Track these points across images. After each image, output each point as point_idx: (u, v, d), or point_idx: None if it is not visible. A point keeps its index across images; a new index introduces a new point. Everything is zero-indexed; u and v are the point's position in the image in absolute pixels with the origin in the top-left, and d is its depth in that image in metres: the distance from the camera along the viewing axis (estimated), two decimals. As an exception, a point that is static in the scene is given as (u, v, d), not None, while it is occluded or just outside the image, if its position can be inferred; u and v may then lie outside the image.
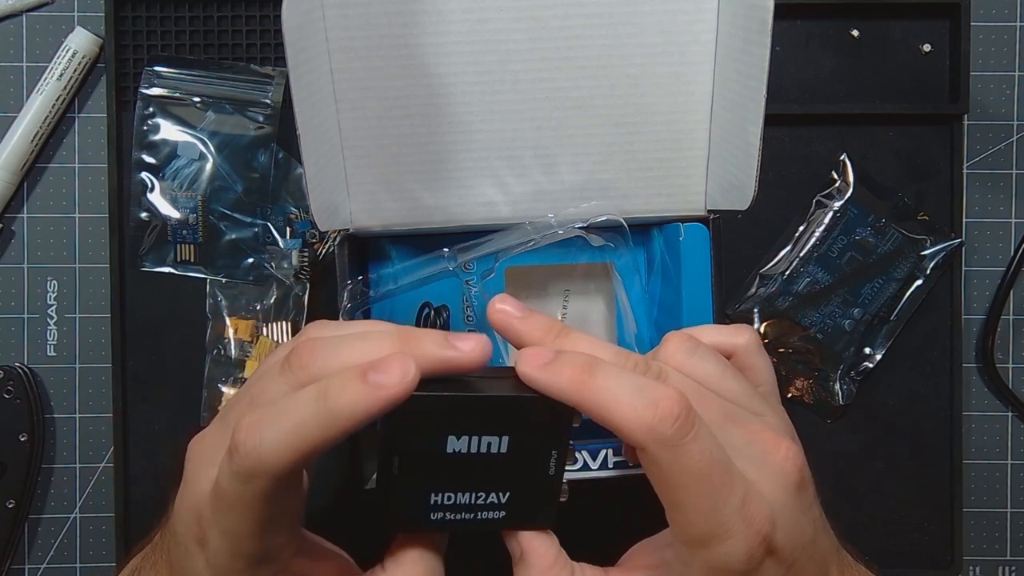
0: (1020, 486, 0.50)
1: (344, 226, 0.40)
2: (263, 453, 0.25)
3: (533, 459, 0.30)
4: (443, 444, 0.29)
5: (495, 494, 0.30)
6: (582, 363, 0.28)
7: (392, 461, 0.28)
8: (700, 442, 0.26)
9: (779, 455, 0.29)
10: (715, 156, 0.40)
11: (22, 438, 0.48)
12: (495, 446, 0.29)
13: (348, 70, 0.38)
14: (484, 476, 0.29)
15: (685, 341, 0.31)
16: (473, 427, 0.28)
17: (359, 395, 0.25)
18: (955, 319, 0.50)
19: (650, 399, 0.27)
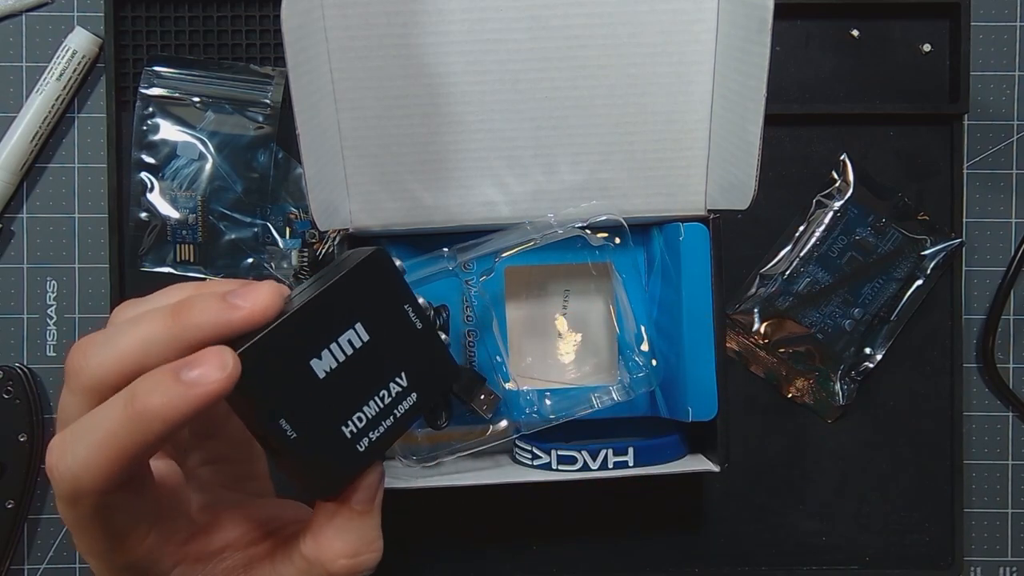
0: (1020, 486, 0.50)
1: (344, 226, 0.40)
2: (77, 475, 0.23)
3: (395, 326, 0.28)
4: (312, 373, 0.26)
5: (393, 382, 0.28)
6: None
7: (281, 428, 0.25)
8: None
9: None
10: (715, 156, 0.40)
11: (22, 438, 0.48)
12: (355, 339, 0.27)
13: (348, 70, 0.38)
14: (371, 373, 0.28)
15: None
16: (321, 337, 0.26)
17: (173, 396, 0.23)
18: (955, 319, 0.50)
19: None
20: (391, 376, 0.28)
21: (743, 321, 0.49)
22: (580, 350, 0.44)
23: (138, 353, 0.24)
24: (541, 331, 0.44)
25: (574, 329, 0.45)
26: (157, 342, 0.24)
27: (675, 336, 0.40)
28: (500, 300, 0.43)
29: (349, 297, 0.27)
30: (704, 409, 0.40)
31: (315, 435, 0.26)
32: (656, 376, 0.41)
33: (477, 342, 0.43)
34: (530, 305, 0.44)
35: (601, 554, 0.48)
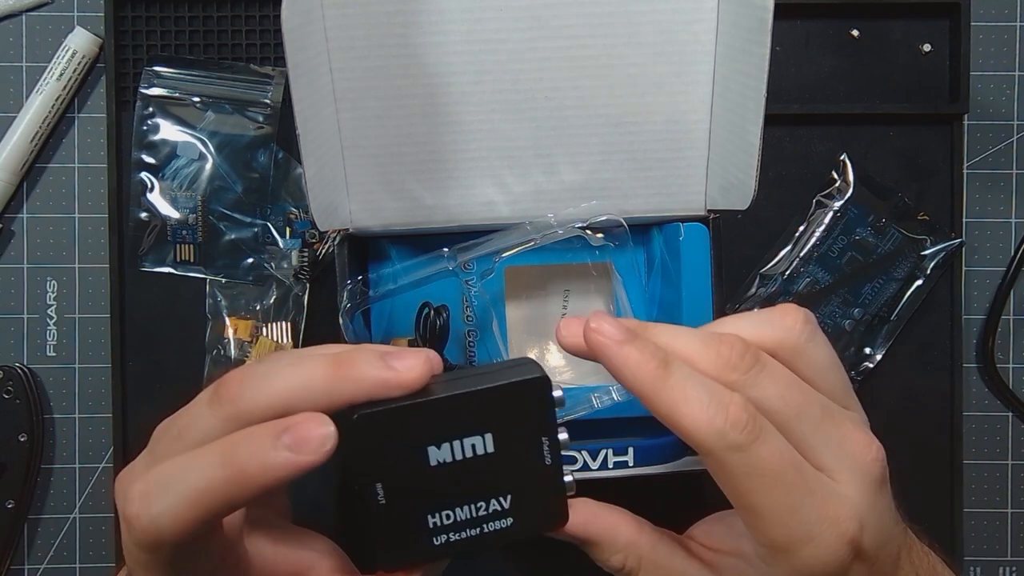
0: (1020, 486, 0.50)
1: (344, 226, 0.40)
2: (161, 526, 0.23)
3: (524, 452, 0.28)
4: (425, 457, 0.27)
5: (496, 500, 0.28)
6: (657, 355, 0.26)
7: (375, 490, 0.26)
8: (768, 444, 0.26)
9: (869, 455, 0.28)
10: (715, 156, 0.40)
11: (22, 438, 0.48)
12: (479, 447, 0.27)
13: (348, 70, 0.38)
14: (478, 483, 0.28)
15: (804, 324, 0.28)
16: (450, 431, 0.27)
17: (271, 461, 0.23)
18: (955, 319, 0.50)
19: (721, 403, 0.25)
20: (496, 493, 0.28)
21: (743, 321, 0.49)
22: (580, 350, 0.44)
23: (293, 395, 0.25)
24: (541, 331, 0.44)
25: (574, 329, 0.44)
26: (314, 389, 0.25)
27: (675, 336, 0.40)
28: (500, 300, 0.43)
29: (493, 407, 0.27)
30: (704, 409, 0.40)
31: (402, 511, 0.27)
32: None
33: (477, 342, 0.43)
34: (530, 305, 0.44)
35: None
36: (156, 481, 0.24)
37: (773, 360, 0.27)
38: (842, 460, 0.27)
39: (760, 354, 0.27)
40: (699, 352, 0.27)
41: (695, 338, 0.27)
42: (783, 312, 0.29)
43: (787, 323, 0.28)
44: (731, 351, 0.27)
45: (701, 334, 0.28)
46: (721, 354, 0.27)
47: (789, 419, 0.27)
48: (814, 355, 0.29)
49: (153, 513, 0.23)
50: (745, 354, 0.27)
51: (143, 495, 0.24)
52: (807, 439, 0.27)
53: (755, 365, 0.27)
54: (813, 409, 0.27)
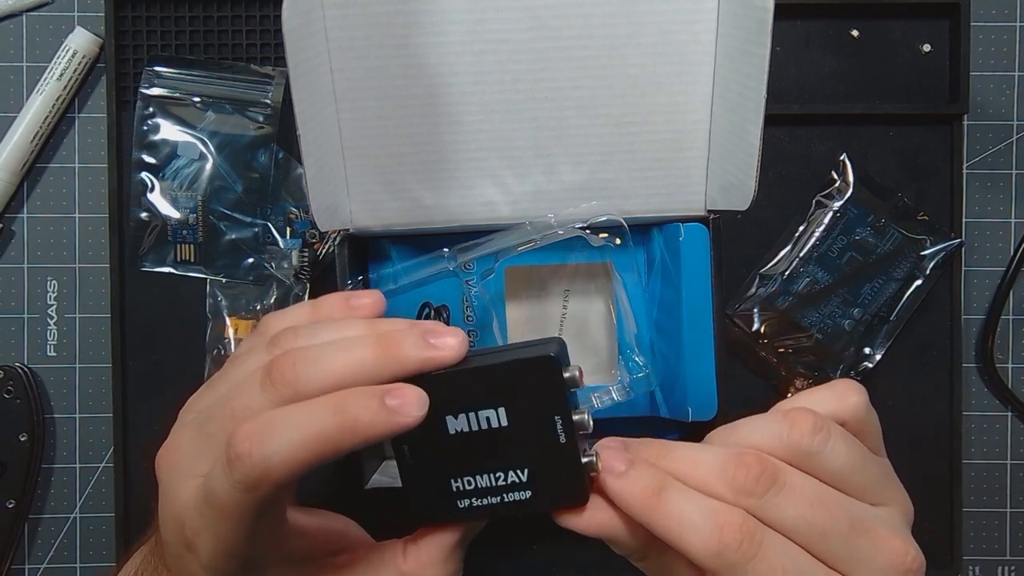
0: (1020, 486, 0.50)
1: (344, 226, 0.40)
2: (272, 464, 0.25)
3: (537, 429, 0.29)
4: (443, 426, 0.28)
5: (514, 472, 0.29)
6: (651, 483, 0.27)
7: (403, 451, 0.29)
8: (767, 560, 0.26)
9: (904, 564, 0.28)
10: (715, 156, 0.40)
11: (22, 438, 0.48)
12: (493, 420, 0.28)
13: (348, 70, 0.38)
14: (495, 454, 0.29)
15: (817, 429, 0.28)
16: (464, 402, 0.28)
17: (378, 417, 0.26)
18: (955, 319, 0.50)
19: (715, 524, 0.26)
20: (513, 466, 0.29)
21: (743, 321, 0.49)
22: (580, 350, 0.44)
23: (346, 376, 0.27)
24: (541, 331, 0.44)
25: (574, 329, 0.45)
26: (364, 369, 0.27)
27: (675, 336, 0.41)
28: (500, 300, 0.43)
29: (504, 383, 0.28)
30: (704, 409, 0.40)
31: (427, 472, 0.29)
32: (656, 376, 0.41)
33: (477, 342, 0.43)
34: (530, 305, 0.44)
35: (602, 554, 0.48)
36: (268, 424, 0.26)
37: (794, 477, 0.27)
38: (873, 570, 0.27)
39: (779, 472, 0.27)
40: (714, 476, 0.28)
41: (712, 462, 0.28)
42: (847, 391, 0.30)
43: (854, 400, 0.30)
44: (746, 475, 0.27)
45: (719, 457, 0.28)
46: (736, 479, 0.27)
47: (813, 539, 0.27)
48: (872, 427, 0.30)
49: (267, 451, 0.25)
50: (761, 476, 0.27)
51: (255, 434, 0.26)
52: (836, 554, 0.27)
53: (772, 486, 0.27)
54: (840, 525, 0.27)
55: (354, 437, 0.26)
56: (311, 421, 0.26)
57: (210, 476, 0.27)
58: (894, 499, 0.30)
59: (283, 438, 0.25)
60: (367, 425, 0.26)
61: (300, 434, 0.26)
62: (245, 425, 0.26)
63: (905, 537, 0.28)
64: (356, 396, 0.26)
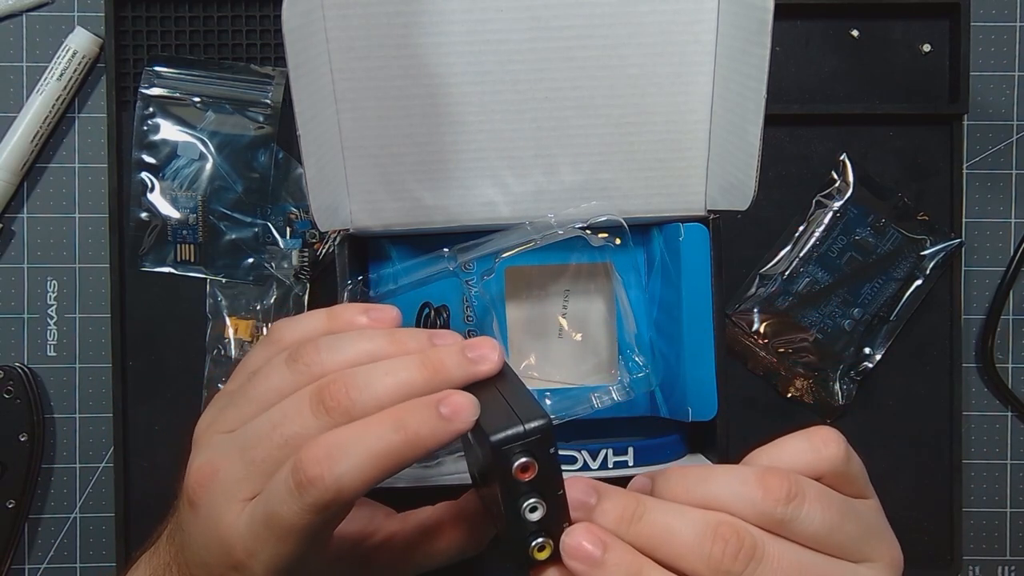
0: (1020, 486, 0.50)
1: (344, 226, 0.40)
2: (343, 485, 0.26)
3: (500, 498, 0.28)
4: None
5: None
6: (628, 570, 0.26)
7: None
8: None
9: None
10: (715, 156, 0.40)
11: (22, 438, 0.48)
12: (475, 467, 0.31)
13: (348, 70, 0.38)
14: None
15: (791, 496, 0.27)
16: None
17: (438, 427, 0.27)
18: (955, 319, 0.50)
19: None
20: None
21: (743, 321, 0.49)
22: (580, 350, 0.45)
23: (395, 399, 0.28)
24: (541, 331, 0.44)
25: (574, 329, 0.45)
26: (414, 392, 0.28)
27: (675, 336, 0.41)
28: (500, 300, 0.43)
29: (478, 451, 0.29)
30: (704, 409, 0.40)
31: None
32: (656, 376, 0.41)
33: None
34: (530, 305, 0.44)
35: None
36: (335, 446, 0.27)
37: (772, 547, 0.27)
38: None
39: (756, 546, 0.26)
40: (691, 551, 0.27)
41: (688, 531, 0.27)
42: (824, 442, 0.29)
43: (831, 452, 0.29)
44: (723, 550, 0.26)
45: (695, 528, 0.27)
46: (713, 555, 0.26)
47: None
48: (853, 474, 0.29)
49: (338, 472, 0.26)
50: (739, 552, 0.26)
51: (325, 458, 0.26)
52: None
53: (750, 562, 0.26)
54: None
55: (416, 449, 0.27)
56: (375, 439, 0.27)
57: (269, 501, 0.27)
58: (878, 552, 0.29)
59: (352, 459, 0.26)
60: (428, 436, 0.27)
61: (367, 452, 0.27)
62: (311, 450, 0.27)
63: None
64: (413, 411, 0.27)
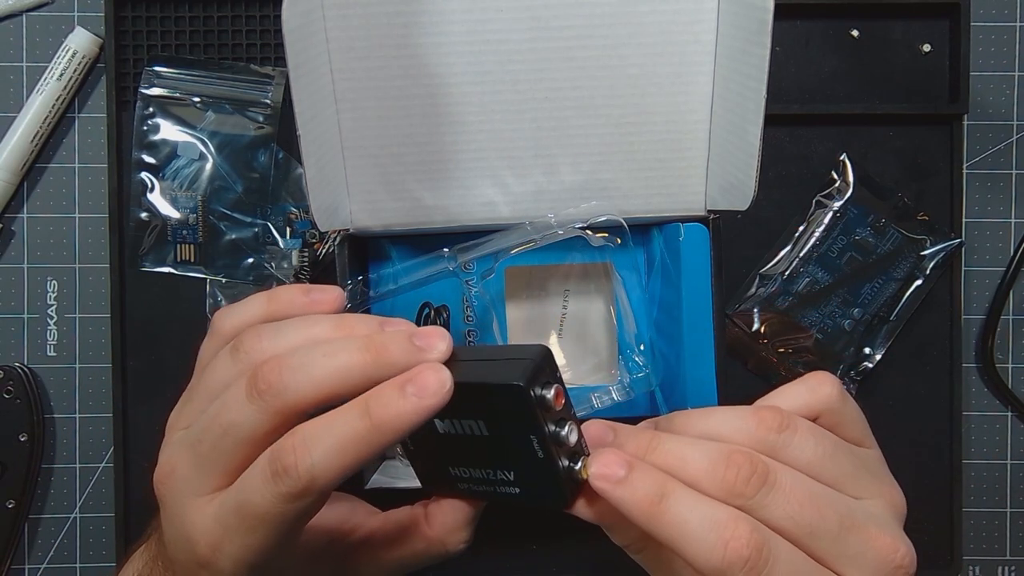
0: (1020, 486, 0.50)
1: (344, 226, 0.40)
2: (317, 473, 0.26)
3: (515, 441, 0.29)
4: (433, 426, 0.30)
5: (501, 472, 0.30)
6: (652, 490, 0.26)
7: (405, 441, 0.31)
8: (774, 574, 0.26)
9: (894, 561, 0.27)
10: (715, 156, 0.40)
11: (22, 438, 0.48)
12: (475, 428, 0.29)
13: (348, 70, 0.38)
14: (481, 455, 0.30)
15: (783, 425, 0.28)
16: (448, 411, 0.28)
17: (404, 409, 0.26)
18: (955, 319, 0.50)
19: (720, 538, 0.25)
20: (500, 466, 0.30)
21: (743, 321, 0.49)
22: (580, 350, 0.45)
23: (334, 388, 0.27)
24: (541, 331, 0.44)
25: (574, 329, 0.45)
26: (353, 379, 0.27)
27: (675, 336, 0.41)
28: (500, 300, 0.43)
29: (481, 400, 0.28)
30: (704, 409, 0.40)
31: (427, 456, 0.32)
32: (656, 376, 0.41)
33: (477, 342, 0.43)
34: (530, 305, 0.44)
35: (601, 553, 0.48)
36: (305, 436, 0.26)
37: (785, 476, 0.27)
38: (864, 568, 0.27)
39: (769, 472, 0.27)
40: (704, 476, 0.27)
41: (702, 458, 0.27)
42: (820, 382, 0.30)
43: (825, 391, 0.30)
44: (736, 475, 0.27)
45: (708, 455, 0.27)
46: (727, 479, 0.27)
47: (802, 538, 0.27)
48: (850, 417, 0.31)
49: (310, 461, 0.26)
50: (751, 477, 0.27)
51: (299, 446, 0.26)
52: (827, 553, 0.27)
53: (763, 487, 0.27)
54: (830, 524, 0.27)
55: (386, 434, 0.26)
56: (344, 428, 0.26)
57: (243, 490, 0.27)
58: (878, 491, 0.29)
59: (322, 447, 0.26)
60: (396, 418, 0.26)
61: (337, 441, 0.26)
62: (286, 439, 0.26)
63: (895, 533, 0.28)
64: (377, 394, 0.27)
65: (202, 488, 0.28)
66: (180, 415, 0.31)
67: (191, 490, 0.28)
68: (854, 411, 0.31)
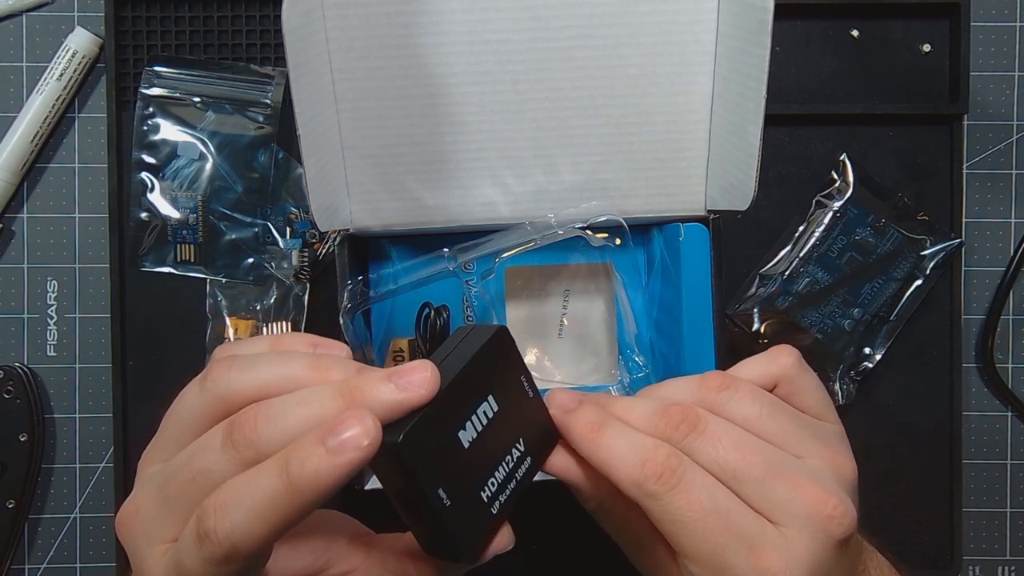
0: (1020, 486, 0.50)
1: (344, 226, 0.40)
2: (236, 539, 0.24)
3: (515, 395, 0.31)
4: (460, 444, 0.28)
5: (515, 447, 0.31)
6: (594, 419, 0.30)
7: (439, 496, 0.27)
8: (687, 493, 0.28)
9: (824, 511, 0.28)
10: (715, 156, 0.40)
11: (22, 438, 0.48)
12: (489, 409, 0.30)
13: (348, 70, 0.38)
14: (499, 439, 0.30)
15: (724, 386, 0.31)
16: (465, 410, 0.29)
17: (323, 464, 0.24)
18: (955, 319, 0.50)
19: (639, 458, 0.29)
20: (513, 442, 0.31)
21: (743, 321, 0.49)
22: (580, 350, 0.45)
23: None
24: (541, 331, 0.44)
25: (574, 329, 0.45)
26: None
27: (675, 336, 0.41)
28: (500, 300, 0.43)
29: (482, 372, 0.30)
30: (704, 409, 0.40)
31: (464, 502, 0.28)
32: (656, 376, 0.41)
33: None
34: (530, 305, 0.44)
35: (601, 554, 0.48)
36: (229, 495, 0.25)
37: (714, 424, 0.30)
38: (791, 515, 0.28)
39: (699, 420, 0.30)
40: (642, 423, 0.30)
41: (642, 410, 0.31)
42: (778, 353, 0.33)
43: (783, 360, 0.32)
44: (667, 422, 0.30)
45: (650, 405, 0.31)
46: (658, 425, 0.30)
47: (728, 480, 0.29)
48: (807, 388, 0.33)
49: (229, 526, 0.24)
50: (681, 424, 0.30)
51: (220, 508, 0.25)
52: (753, 497, 0.29)
53: (691, 433, 0.29)
54: (754, 469, 0.29)
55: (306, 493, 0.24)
56: (261, 489, 0.24)
57: (179, 549, 0.26)
58: (822, 454, 0.31)
59: (239, 512, 0.24)
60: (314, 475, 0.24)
61: (256, 503, 0.24)
62: (211, 498, 0.25)
63: (828, 488, 0.29)
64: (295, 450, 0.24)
65: (163, 534, 0.27)
66: (152, 448, 0.30)
67: (153, 536, 0.27)
68: (812, 382, 0.33)
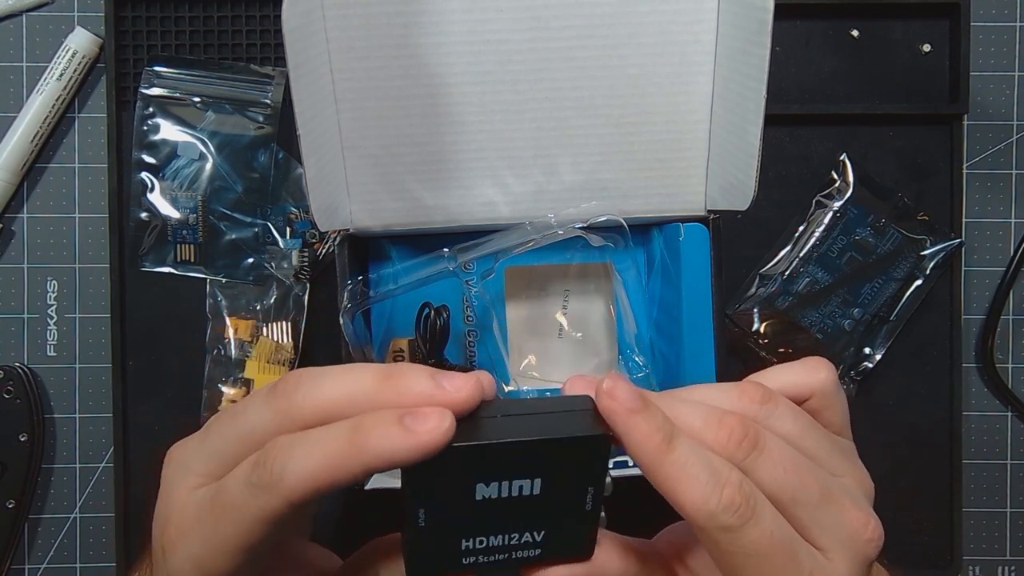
0: (1020, 486, 0.50)
1: (344, 226, 0.40)
2: (287, 475, 0.25)
3: (568, 497, 0.28)
4: (472, 492, 0.27)
5: (529, 533, 0.29)
6: (665, 429, 0.27)
7: (418, 514, 0.27)
8: (759, 526, 0.26)
9: (865, 535, 0.28)
10: (715, 156, 0.40)
11: (22, 438, 0.48)
12: (527, 488, 0.27)
13: (348, 70, 0.38)
14: (517, 518, 0.28)
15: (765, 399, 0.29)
16: (503, 473, 0.27)
17: (395, 439, 0.24)
18: (955, 319, 0.50)
19: (717, 483, 0.26)
20: (532, 528, 0.28)
21: (743, 321, 0.49)
22: (580, 350, 0.45)
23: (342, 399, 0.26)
24: (541, 331, 0.44)
25: (574, 329, 0.45)
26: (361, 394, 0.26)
27: (675, 336, 0.41)
28: (500, 300, 0.43)
29: (549, 456, 0.27)
30: (704, 409, 0.40)
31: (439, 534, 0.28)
32: (656, 376, 0.41)
33: (477, 342, 0.43)
34: (530, 305, 0.44)
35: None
36: (291, 442, 0.25)
37: (773, 443, 0.28)
38: (838, 540, 0.28)
39: (759, 436, 0.28)
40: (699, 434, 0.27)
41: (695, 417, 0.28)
42: (817, 366, 0.31)
43: (822, 375, 0.31)
44: (729, 436, 0.27)
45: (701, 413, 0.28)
46: (719, 437, 0.27)
47: (785, 502, 0.27)
48: (839, 405, 0.31)
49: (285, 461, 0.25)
50: (743, 439, 0.27)
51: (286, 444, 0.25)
52: (804, 520, 0.28)
53: (753, 450, 0.27)
54: (811, 492, 0.28)
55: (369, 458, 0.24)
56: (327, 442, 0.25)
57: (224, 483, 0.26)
58: (851, 471, 0.30)
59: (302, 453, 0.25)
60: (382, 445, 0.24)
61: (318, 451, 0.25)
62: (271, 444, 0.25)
63: (866, 509, 0.29)
64: (373, 418, 0.25)
65: (197, 468, 0.27)
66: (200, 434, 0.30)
67: (188, 468, 0.28)
68: (843, 402, 0.32)
